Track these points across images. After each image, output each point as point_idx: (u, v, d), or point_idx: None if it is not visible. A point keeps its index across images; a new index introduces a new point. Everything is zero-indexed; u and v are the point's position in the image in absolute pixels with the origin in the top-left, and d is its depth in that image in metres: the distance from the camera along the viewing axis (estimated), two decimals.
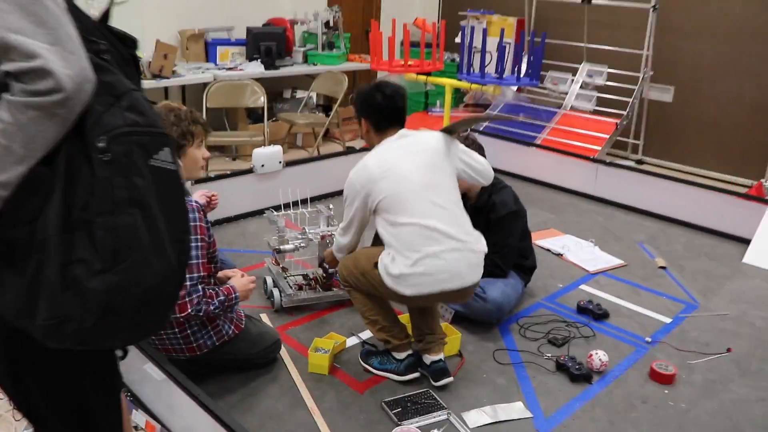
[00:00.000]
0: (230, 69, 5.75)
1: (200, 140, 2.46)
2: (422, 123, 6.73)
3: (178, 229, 1.30)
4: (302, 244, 3.24)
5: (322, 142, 5.96)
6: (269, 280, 3.33)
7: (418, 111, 7.70)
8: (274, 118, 5.92)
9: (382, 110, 2.61)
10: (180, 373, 2.26)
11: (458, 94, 7.35)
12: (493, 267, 3.09)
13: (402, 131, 2.63)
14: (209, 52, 5.94)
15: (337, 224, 3.27)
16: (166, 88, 5.79)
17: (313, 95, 6.46)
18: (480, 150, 3.20)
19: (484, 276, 3.04)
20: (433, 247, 2.43)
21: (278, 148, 4.49)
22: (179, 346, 2.43)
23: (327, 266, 3.21)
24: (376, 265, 2.51)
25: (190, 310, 2.25)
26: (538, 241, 4.22)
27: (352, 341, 2.98)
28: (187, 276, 2.24)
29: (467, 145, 3.10)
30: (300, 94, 6.53)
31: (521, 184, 5.44)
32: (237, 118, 5.95)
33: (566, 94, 6.43)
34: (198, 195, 3.38)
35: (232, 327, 2.51)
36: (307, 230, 3.23)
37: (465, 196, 3.19)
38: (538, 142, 5.81)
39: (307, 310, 3.24)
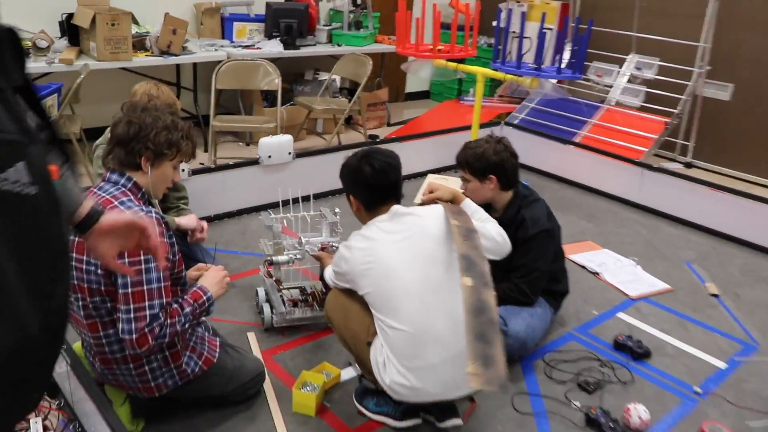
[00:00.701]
0: (247, 47, 5.33)
1: (181, 160, 2.11)
2: (454, 113, 6.25)
3: (41, 280, 0.90)
4: (298, 256, 2.83)
5: (344, 128, 5.53)
6: (261, 293, 2.93)
7: (450, 99, 7.22)
8: (291, 102, 5.50)
9: (372, 186, 2.23)
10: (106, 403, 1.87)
11: (492, 83, 6.84)
12: (518, 294, 2.66)
13: (396, 209, 2.21)
14: (225, 29, 5.53)
15: (340, 237, 2.87)
16: (177, 67, 5.41)
17: (337, 78, 6.02)
18: (513, 157, 2.74)
19: (506, 303, 2.63)
20: (428, 358, 2.04)
21: (288, 137, 4.07)
22: (135, 385, 2.04)
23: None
24: (369, 344, 2.17)
25: (151, 343, 1.85)
26: (572, 255, 3.75)
27: (347, 373, 2.57)
28: (147, 304, 1.85)
29: (498, 152, 2.67)
30: (323, 76, 6.10)
31: (556, 186, 4.95)
32: (252, 100, 5.55)
33: (611, 87, 5.87)
34: (191, 219, 3.00)
35: (200, 363, 2.11)
36: (303, 239, 2.81)
37: (490, 207, 2.75)
38: (577, 140, 5.29)
39: (301, 330, 2.85)
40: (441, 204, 2.35)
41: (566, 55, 4.26)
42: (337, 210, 3.08)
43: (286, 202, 3.05)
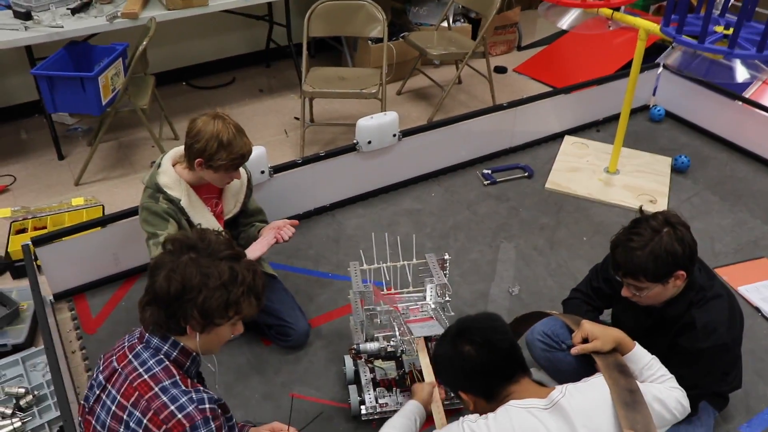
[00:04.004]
0: None
1: (243, 316, 1.58)
2: (599, 41, 5.13)
3: None
4: (390, 347, 2.26)
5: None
6: (348, 364, 2.41)
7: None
8: (402, 35, 4.66)
9: (485, 368, 1.62)
10: None
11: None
12: None
13: (555, 397, 1.59)
14: None
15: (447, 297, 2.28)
16: (270, 5, 4.68)
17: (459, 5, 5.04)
18: (685, 228, 1.95)
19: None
20: None
21: (392, 117, 3.35)
22: None
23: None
24: None
25: None
26: (740, 288, 2.95)
27: None
28: None
29: (682, 238, 1.88)
30: None
31: (724, 156, 3.97)
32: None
33: None
34: (262, 244, 2.45)
35: None
36: (408, 327, 2.20)
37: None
38: (747, 94, 4.15)
39: None
40: (599, 362, 1.71)
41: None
42: (447, 257, 2.44)
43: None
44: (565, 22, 3.57)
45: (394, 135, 3.39)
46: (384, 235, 2.60)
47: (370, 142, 3.32)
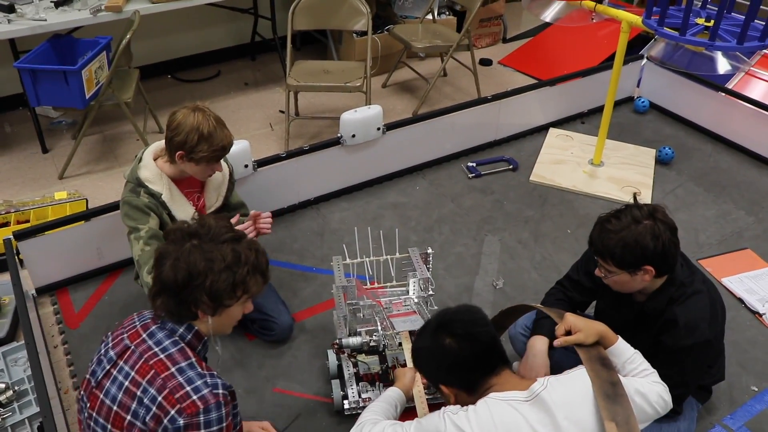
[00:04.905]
0: None
1: (251, 294, 1.65)
2: (583, 33, 5.14)
3: None
4: (373, 341, 2.26)
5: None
6: (332, 359, 2.42)
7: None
8: (387, 28, 4.65)
9: (465, 361, 1.62)
10: None
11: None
12: None
13: (536, 389, 1.59)
14: None
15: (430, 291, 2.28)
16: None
17: None
18: (674, 236, 1.95)
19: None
20: None
21: (376, 110, 3.35)
22: None
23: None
24: None
25: None
26: (724, 279, 2.98)
27: None
28: None
29: (658, 235, 1.88)
30: None
31: (708, 147, 4.02)
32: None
33: None
34: (246, 226, 2.45)
35: None
36: (389, 322, 2.21)
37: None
38: (730, 85, 4.17)
39: None
40: (581, 354, 1.71)
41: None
42: (430, 250, 2.45)
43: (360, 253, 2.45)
44: (549, 14, 3.59)
45: (378, 128, 3.39)
46: (368, 229, 2.60)
47: (354, 136, 3.32)
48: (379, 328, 2.26)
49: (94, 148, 4.01)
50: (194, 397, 1.49)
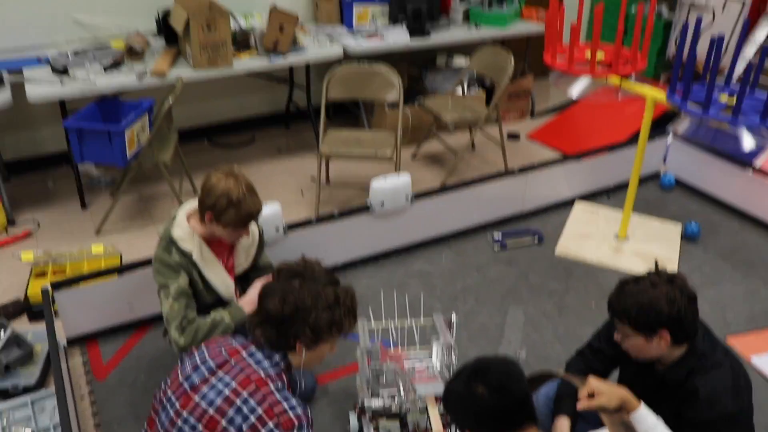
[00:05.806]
0: (370, 36, 4.65)
1: (342, 333, 1.87)
2: (610, 109, 5.26)
3: None
4: (394, 407, 2.27)
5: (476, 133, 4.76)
6: (353, 421, 2.42)
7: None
8: (417, 101, 4.81)
9: (495, 412, 1.63)
10: None
11: (659, 62, 5.73)
12: None
13: None
14: (344, 13, 4.86)
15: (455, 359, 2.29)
16: (291, 69, 4.90)
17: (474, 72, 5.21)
18: (692, 304, 1.97)
19: None
20: None
21: (405, 180, 3.44)
22: None
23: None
24: None
25: None
26: (754, 358, 2.94)
27: None
28: None
29: (673, 300, 1.90)
30: (457, 60, 5.31)
31: (735, 225, 4.00)
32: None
33: None
34: (260, 281, 2.51)
35: None
36: (412, 385, 2.23)
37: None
38: (758, 162, 4.21)
39: None
40: (605, 419, 1.72)
41: None
42: (454, 317, 2.48)
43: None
44: (576, 90, 3.69)
45: (407, 197, 3.47)
46: (393, 295, 2.64)
47: (383, 204, 3.40)
48: (402, 392, 2.27)
49: (131, 206, 4.15)
50: (291, 415, 1.65)
